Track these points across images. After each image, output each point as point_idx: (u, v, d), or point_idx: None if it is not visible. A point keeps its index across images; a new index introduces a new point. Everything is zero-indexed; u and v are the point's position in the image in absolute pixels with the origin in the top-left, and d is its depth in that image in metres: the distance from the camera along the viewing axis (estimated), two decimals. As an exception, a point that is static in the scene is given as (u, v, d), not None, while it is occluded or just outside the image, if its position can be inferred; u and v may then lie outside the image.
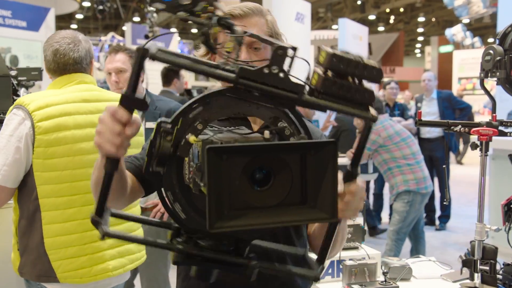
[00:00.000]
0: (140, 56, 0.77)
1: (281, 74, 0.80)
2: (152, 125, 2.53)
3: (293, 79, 0.81)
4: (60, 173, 1.69)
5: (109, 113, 0.80)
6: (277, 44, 0.83)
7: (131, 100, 0.78)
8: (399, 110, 6.16)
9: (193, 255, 0.82)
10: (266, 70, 0.80)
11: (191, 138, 0.81)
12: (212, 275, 0.94)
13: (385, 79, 6.43)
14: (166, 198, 0.85)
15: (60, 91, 1.77)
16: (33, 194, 1.69)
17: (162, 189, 0.84)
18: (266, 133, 0.81)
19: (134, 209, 1.94)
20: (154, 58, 0.77)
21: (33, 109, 1.67)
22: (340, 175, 0.88)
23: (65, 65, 1.79)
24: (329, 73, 0.82)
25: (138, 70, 0.78)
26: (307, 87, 0.82)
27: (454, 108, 5.88)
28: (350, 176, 0.88)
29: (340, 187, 0.88)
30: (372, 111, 0.84)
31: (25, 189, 1.71)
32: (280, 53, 0.81)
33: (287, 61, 0.83)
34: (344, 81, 0.82)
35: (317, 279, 0.87)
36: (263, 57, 1.19)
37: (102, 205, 0.82)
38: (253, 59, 1.17)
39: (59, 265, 1.69)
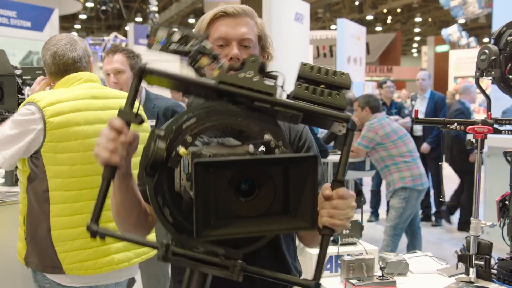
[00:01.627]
0: (139, 74, 0.85)
1: (255, 78, 0.87)
2: (150, 122, 2.56)
3: (267, 83, 0.88)
4: (70, 168, 1.72)
5: (107, 125, 0.88)
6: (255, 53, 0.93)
7: (128, 113, 0.87)
8: (396, 109, 6.20)
9: (179, 254, 0.84)
10: (241, 75, 0.87)
11: (181, 150, 0.85)
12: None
13: (381, 78, 6.46)
14: (156, 203, 0.88)
15: (68, 89, 1.81)
16: (44, 186, 1.73)
17: (153, 193, 0.87)
18: (251, 147, 0.85)
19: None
20: (152, 72, 0.86)
21: (44, 105, 1.70)
22: (328, 184, 0.94)
23: (65, 66, 1.82)
24: (302, 81, 0.90)
25: (136, 86, 0.86)
26: (284, 93, 0.89)
27: (436, 111, 5.82)
28: (337, 184, 0.93)
29: (329, 191, 0.92)
30: (347, 114, 0.89)
31: (36, 181, 1.75)
32: (252, 60, 0.89)
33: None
34: (316, 87, 0.89)
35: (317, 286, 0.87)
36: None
37: (98, 212, 0.88)
38: (242, 56, 1.23)
39: (65, 257, 1.72)
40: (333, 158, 4.86)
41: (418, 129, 5.92)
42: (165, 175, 0.87)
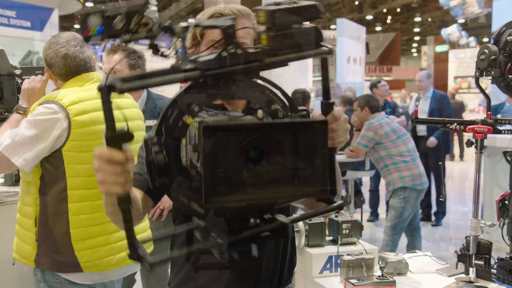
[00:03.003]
0: (106, 95, 0.76)
1: (239, 51, 0.83)
2: (151, 122, 2.56)
3: (250, 50, 0.84)
4: (92, 166, 1.71)
5: (104, 160, 0.81)
6: (222, 25, 0.86)
7: (116, 138, 0.79)
8: (390, 108, 6.21)
9: (236, 241, 0.82)
10: (224, 54, 0.83)
11: (188, 119, 0.83)
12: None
13: (373, 78, 6.46)
14: (183, 204, 0.85)
15: (83, 88, 1.81)
16: (62, 185, 1.71)
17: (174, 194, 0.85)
18: (260, 113, 0.83)
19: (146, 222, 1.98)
20: (122, 91, 0.77)
21: (67, 104, 1.69)
22: (318, 112, 0.94)
23: (77, 67, 1.83)
24: (274, 29, 0.86)
25: (109, 108, 0.77)
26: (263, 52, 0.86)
27: (441, 110, 5.85)
28: (327, 107, 0.93)
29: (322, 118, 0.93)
30: (325, 46, 0.88)
31: (52, 181, 1.73)
32: (230, 33, 0.85)
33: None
34: (289, 31, 0.86)
35: (342, 207, 0.88)
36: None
37: (133, 241, 0.81)
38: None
39: (83, 255, 1.72)
40: (338, 157, 4.86)
41: (422, 129, 5.92)
42: (172, 154, 0.84)
